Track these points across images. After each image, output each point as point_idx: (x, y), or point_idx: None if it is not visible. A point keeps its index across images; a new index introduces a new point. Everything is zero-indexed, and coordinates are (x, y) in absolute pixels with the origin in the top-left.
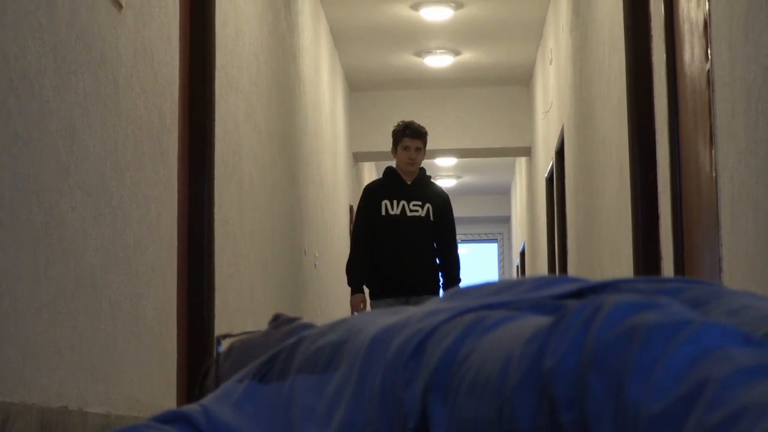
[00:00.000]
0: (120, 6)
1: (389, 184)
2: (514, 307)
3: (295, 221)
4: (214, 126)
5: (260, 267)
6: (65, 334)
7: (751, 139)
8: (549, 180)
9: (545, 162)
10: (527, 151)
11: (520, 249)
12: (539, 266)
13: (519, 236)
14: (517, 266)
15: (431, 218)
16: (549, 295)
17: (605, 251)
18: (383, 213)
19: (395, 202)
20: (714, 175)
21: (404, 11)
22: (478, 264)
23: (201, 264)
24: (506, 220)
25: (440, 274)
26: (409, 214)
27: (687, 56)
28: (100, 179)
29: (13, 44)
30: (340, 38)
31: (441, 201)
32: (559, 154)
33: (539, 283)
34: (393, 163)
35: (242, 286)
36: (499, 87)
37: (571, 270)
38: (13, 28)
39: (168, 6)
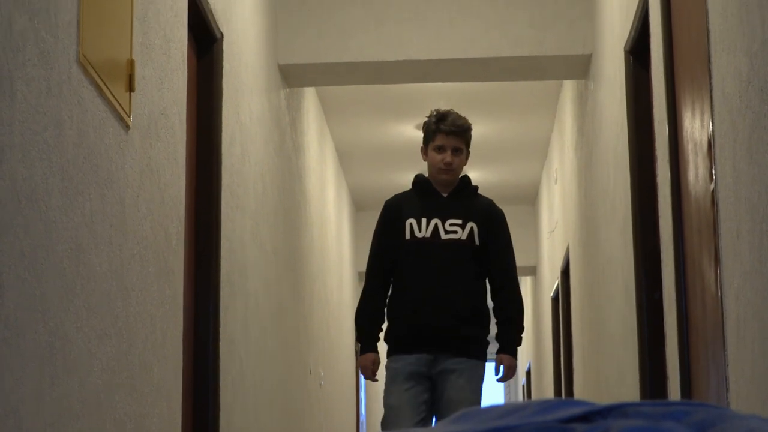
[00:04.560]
0: (127, 126)
1: (417, 197)
2: (520, 431)
3: (301, 340)
4: (219, 246)
5: (265, 386)
6: None
7: (756, 259)
8: (555, 299)
9: (551, 281)
10: (533, 270)
11: (526, 368)
12: (545, 386)
13: (525, 355)
14: (523, 386)
15: (476, 242)
16: (555, 419)
17: (611, 371)
18: (408, 236)
19: (425, 220)
20: (719, 294)
21: (409, 131)
22: (484, 384)
23: (206, 384)
24: None
25: (492, 321)
26: (444, 236)
27: (691, 176)
28: (105, 299)
29: (20, 165)
30: (345, 158)
31: (491, 219)
32: (565, 273)
33: (545, 406)
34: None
35: (247, 406)
36: (505, 206)
37: (577, 389)
38: (20, 149)
39: (174, 127)
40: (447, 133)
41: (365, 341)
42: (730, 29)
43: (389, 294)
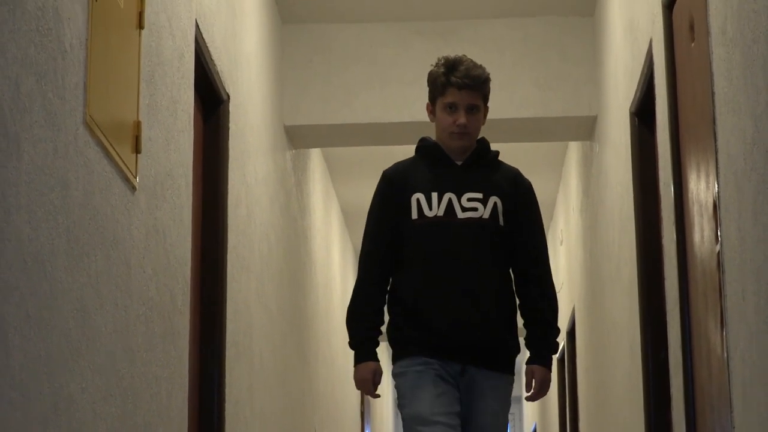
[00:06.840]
0: (133, 188)
1: (425, 166)
2: None
3: (306, 401)
4: (225, 307)
5: None
6: None
7: (762, 321)
8: (560, 361)
9: None
10: None
11: (531, 429)
12: None
13: (530, 417)
14: None
15: (500, 222)
16: None
17: None
18: (415, 215)
19: (435, 195)
20: (725, 356)
21: None
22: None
23: None
24: (517, 399)
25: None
26: (460, 215)
27: (697, 238)
28: (110, 360)
29: (26, 226)
30: (351, 219)
31: (518, 192)
32: (570, 334)
33: None
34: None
35: None
36: None
37: None
38: (26, 210)
39: (181, 188)
40: (459, 87)
41: (362, 349)
42: (735, 91)
43: (391, 287)
